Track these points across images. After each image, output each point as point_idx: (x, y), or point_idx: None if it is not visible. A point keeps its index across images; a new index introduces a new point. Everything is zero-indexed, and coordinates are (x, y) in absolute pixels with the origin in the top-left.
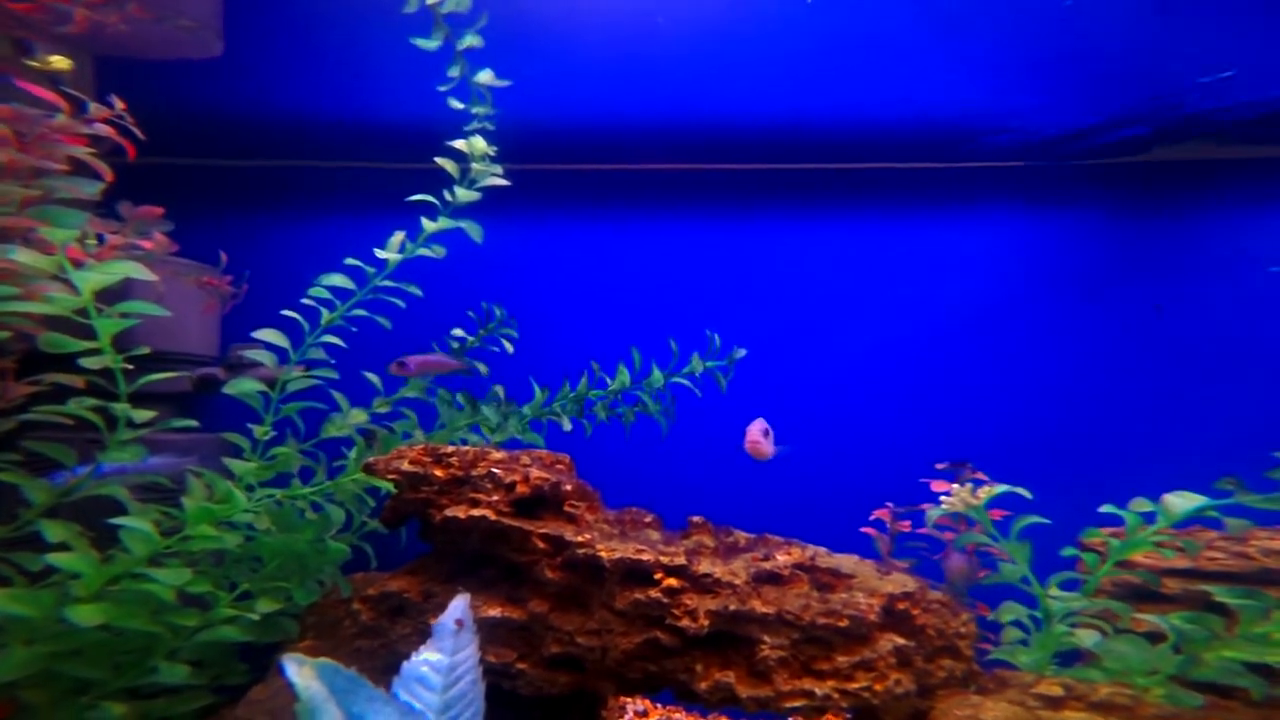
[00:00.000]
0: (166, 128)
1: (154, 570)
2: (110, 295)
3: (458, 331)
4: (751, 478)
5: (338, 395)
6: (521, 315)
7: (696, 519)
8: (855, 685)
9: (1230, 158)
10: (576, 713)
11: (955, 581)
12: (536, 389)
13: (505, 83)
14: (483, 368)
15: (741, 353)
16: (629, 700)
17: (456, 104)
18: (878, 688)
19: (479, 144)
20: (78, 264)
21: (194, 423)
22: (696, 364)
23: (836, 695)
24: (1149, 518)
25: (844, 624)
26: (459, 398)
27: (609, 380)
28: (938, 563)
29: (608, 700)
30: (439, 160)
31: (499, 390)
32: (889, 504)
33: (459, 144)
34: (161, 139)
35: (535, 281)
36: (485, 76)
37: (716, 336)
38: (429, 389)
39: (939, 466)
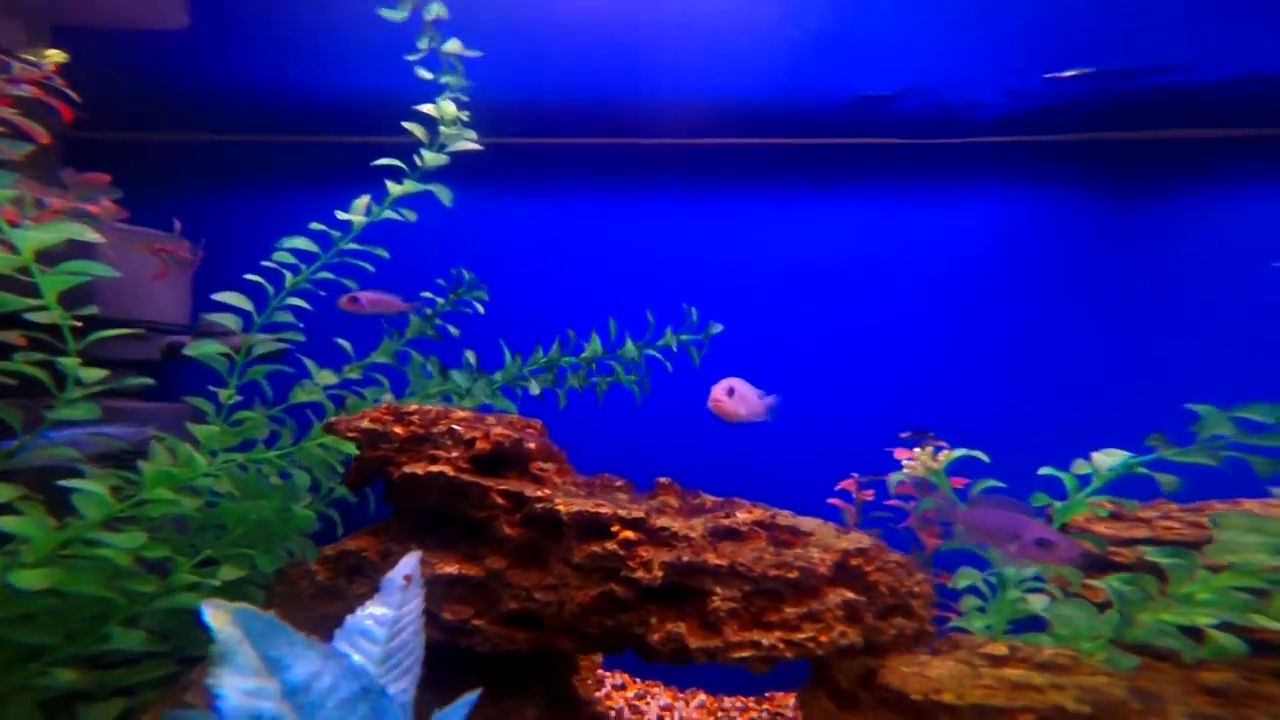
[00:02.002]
0: (132, 101)
1: (107, 535)
2: (58, 259)
3: (427, 294)
4: (731, 450)
5: (308, 361)
6: (501, 289)
7: (663, 480)
8: (801, 636)
9: (1198, 137)
10: (545, 676)
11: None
12: (508, 355)
13: (476, 53)
14: (454, 329)
15: (718, 328)
16: (608, 674)
17: (425, 74)
18: (822, 639)
19: (448, 108)
20: (13, 224)
21: (149, 381)
22: (670, 337)
23: (782, 646)
24: (1084, 480)
25: (793, 575)
26: (429, 364)
27: (584, 346)
28: (903, 532)
29: (578, 664)
30: (407, 125)
31: (470, 356)
32: (854, 474)
33: (428, 108)
34: (127, 112)
35: (514, 255)
36: (453, 46)
37: (694, 310)
38: (400, 354)
39: (902, 435)
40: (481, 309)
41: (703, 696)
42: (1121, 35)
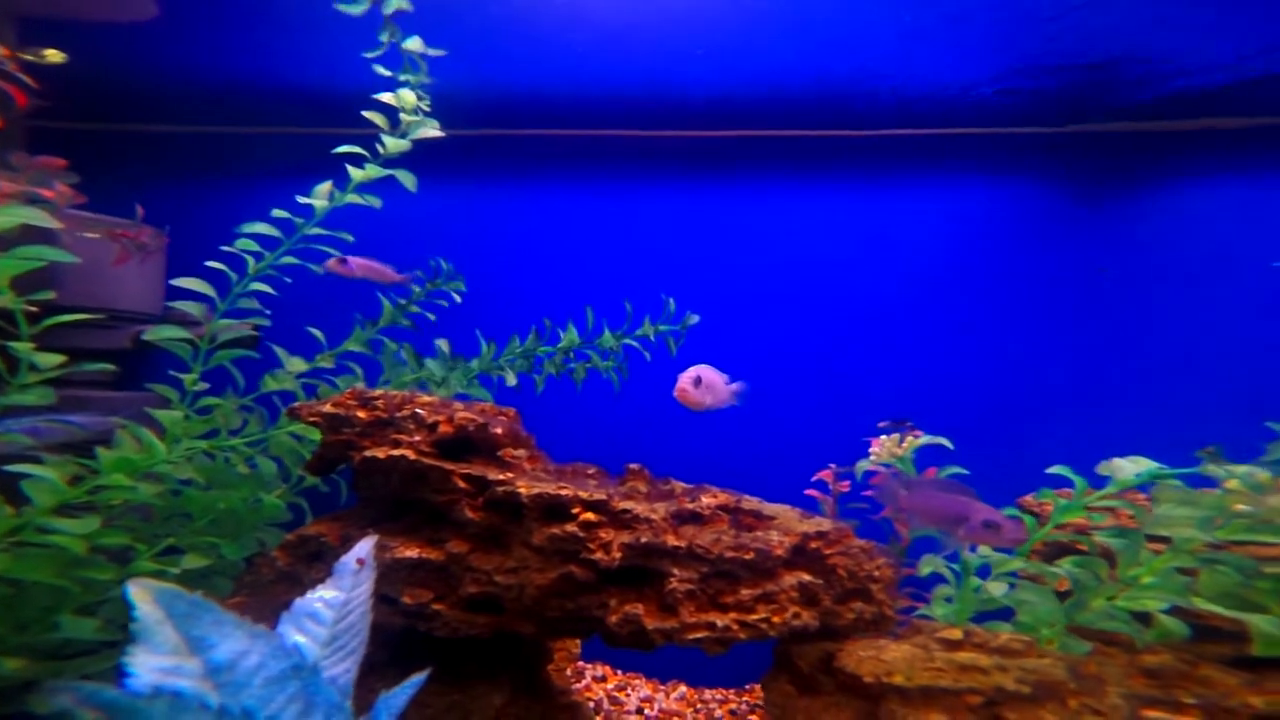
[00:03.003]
0: (100, 91)
1: (60, 521)
2: (11, 244)
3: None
4: (711, 441)
5: (278, 349)
6: (480, 282)
7: (634, 466)
8: (754, 617)
9: (1171, 130)
10: (515, 664)
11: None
12: (483, 343)
13: (439, 51)
14: (430, 315)
15: (694, 319)
16: (588, 666)
17: (384, 71)
18: (776, 620)
19: (408, 97)
20: None
21: (110, 367)
22: (647, 328)
23: (736, 627)
24: (1100, 482)
25: (750, 557)
26: (404, 351)
27: (560, 335)
28: (879, 523)
29: (551, 653)
30: (367, 114)
31: (444, 345)
32: (832, 465)
33: (387, 97)
34: (96, 102)
35: (492, 247)
36: (414, 44)
37: (671, 301)
38: (374, 343)
39: (880, 425)
40: (459, 298)
41: (684, 688)
42: (1092, 28)
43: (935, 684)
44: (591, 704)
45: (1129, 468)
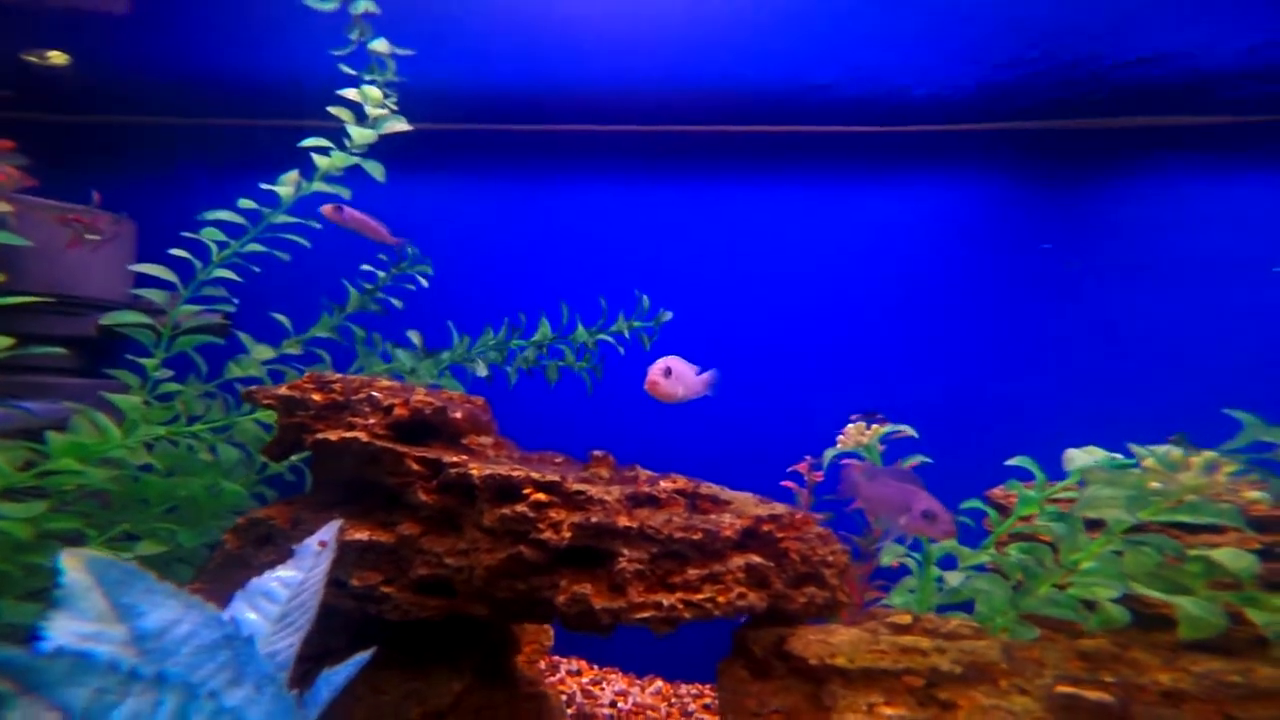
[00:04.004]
0: (73, 84)
1: (4, 505)
2: None
3: (366, 267)
4: (687, 434)
5: (244, 336)
6: (452, 276)
7: (598, 453)
8: (699, 597)
9: (1140, 125)
10: (477, 653)
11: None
12: (455, 335)
13: (408, 51)
14: (397, 302)
15: (668, 315)
16: (564, 660)
17: (348, 70)
18: (720, 599)
19: (373, 92)
20: None
21: (61, 350)
22: (622, 323)
23: (681, 606)
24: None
25: (698, 537)
26: (374, 339)
27: (537, 329)
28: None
29: (518, 643)
30: (332, 109)
31: (416, 336)
32: (807, 457)
33: (351, 93)
34: (67, 96)
35: (467, 243)
36: (380, 45)
37: (645, 297)
38: (342, 330)
39: (852, 418)
40: (425, 282)
41: (659, 683)
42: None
43: (876, 665)
44: (565, 697)
45: (1082, 458)
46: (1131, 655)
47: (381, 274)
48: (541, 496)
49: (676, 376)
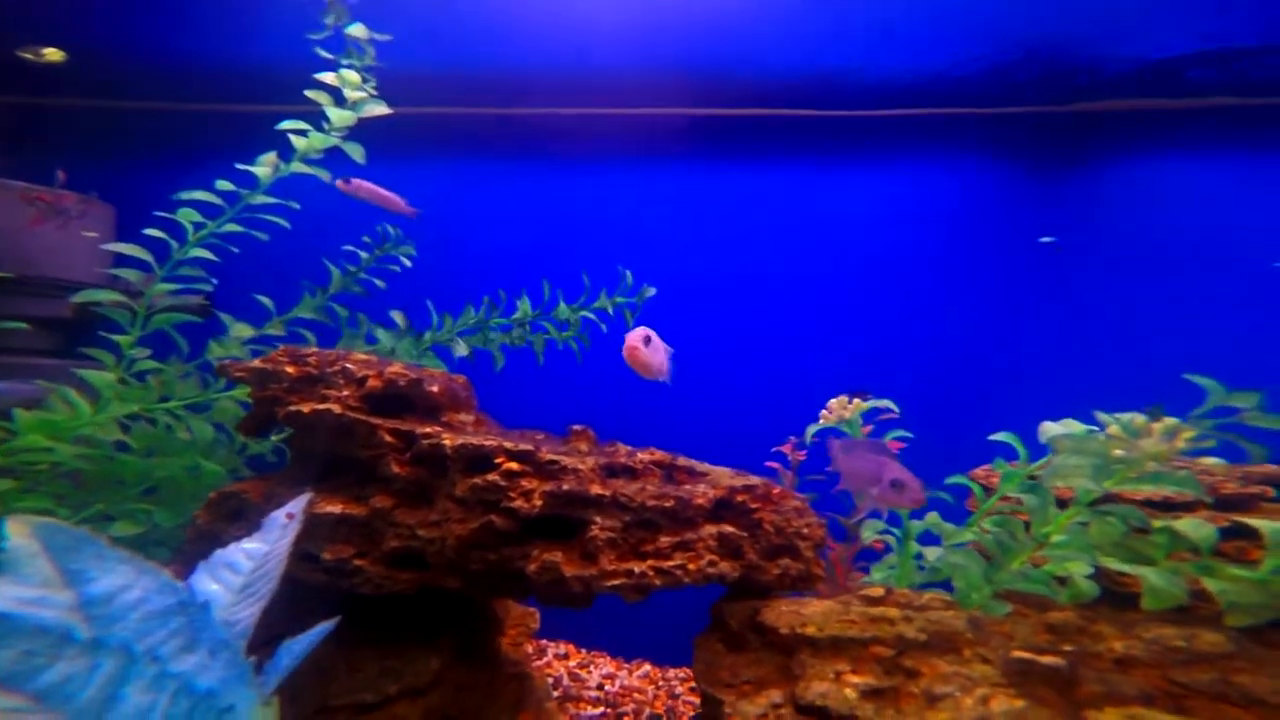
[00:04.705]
0: (55, 69)
1: None
2: None
3: (348, 248)
4: (671, 418)
5: (224, 316)
6: (440, 258)
7: (577, 427)
8: (670, 564)
9: (1128, 109)
10: (457, 631)
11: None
12: (434, 314)
13: (386, 36)
14: (379, 282)
15: (651, 291)
16: (551, 644)
17: (325, 54)
18: (691, 567)
19: (351, 76)
20: None
21: (23, 325)
22: (604, 300)
23: (652, 574)
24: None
25: (670, 504)
26: (360, 319)
27: (517, 307)
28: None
29: (500, 622)
30: (309, 93)
31: (399, 316)
32: (791, 438)
33: (328, 77)
34: (49, 81)
35: (456, 225)
36: (358, 30)
37: (628, 273)
38: (324, 307)
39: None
40: (408, 263)
41: (647, 667)
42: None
43: (844, 634)
44: (552, 680)
45: (1058, 431)
46: (1096, 628)
47: (365, 255)
48: (514, 465)
49: (655, 345)
